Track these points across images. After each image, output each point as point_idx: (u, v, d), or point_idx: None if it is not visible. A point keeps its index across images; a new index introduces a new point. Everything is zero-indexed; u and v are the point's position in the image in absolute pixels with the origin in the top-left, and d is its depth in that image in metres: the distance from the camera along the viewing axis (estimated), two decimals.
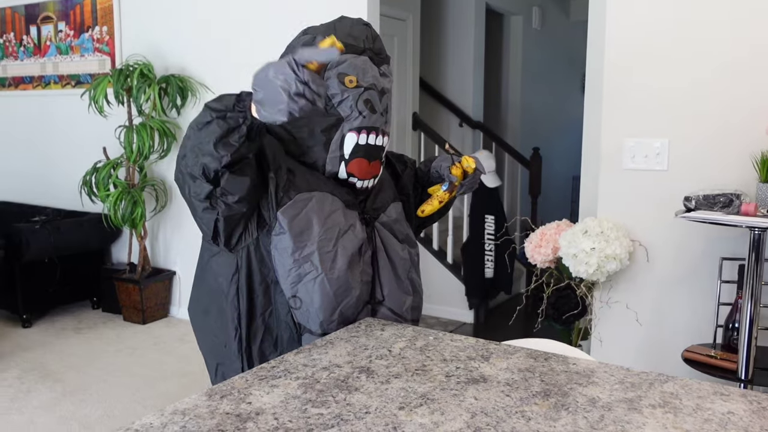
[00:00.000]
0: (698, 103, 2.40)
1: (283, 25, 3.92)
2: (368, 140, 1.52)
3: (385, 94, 1.55)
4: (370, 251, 1.56)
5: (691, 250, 2.47)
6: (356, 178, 1.53)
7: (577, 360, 1.27)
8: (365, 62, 1.50)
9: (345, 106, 1.49)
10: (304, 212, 1.46)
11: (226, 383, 1.15)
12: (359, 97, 1.49)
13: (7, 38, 5.28)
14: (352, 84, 1.48)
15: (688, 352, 2.29)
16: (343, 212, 1.51)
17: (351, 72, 1.48)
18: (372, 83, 1.51)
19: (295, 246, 1.45)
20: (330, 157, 1.51)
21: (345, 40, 1.48)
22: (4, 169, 5.47)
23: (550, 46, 6.61)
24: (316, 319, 1.46)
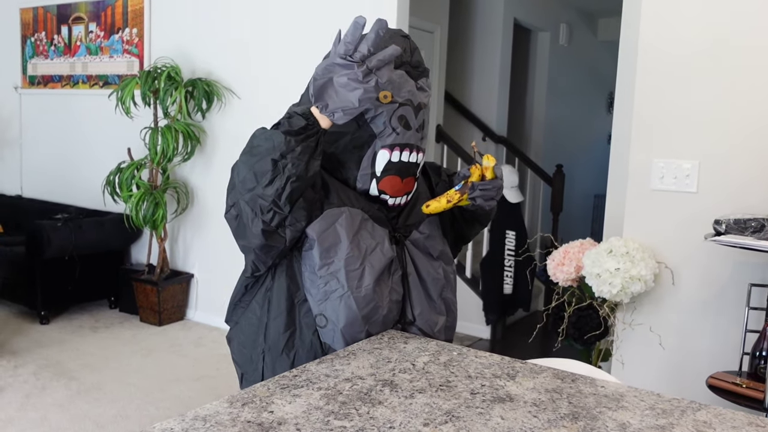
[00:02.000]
0: (731, 125, 2.36)
1: (309, 33, 3.93)
2: (401, 157, 1.46)
3: (422, 110, 1.49)
4: (400, 270, 1.51)
5: (719, 274, 2.42)
6: (388, 196, 1.49)
7: (605, 383, 1.24)
8: (401, 76, 1.44)
9: (378, 122, 1.44)
10: (332, 227, 1.42)
11: (248, 391, 1.13)
12: (393, 114, 1.43)
13: (39, 37, 5.36)
14: (386, 100, 1.40)
15: (713, 379, 2.24)
16: (372, 230, 1.47)
17: (387, 86, 1.39)
18: (408, 99, 1.45)
19: (321, 262, 1.41)
20: (361, 174, 1.47)
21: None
22: (30, 166, 5.53)
23: (577, 63, 6.58)
24: (341, 338, 1.42)
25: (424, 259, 1.57)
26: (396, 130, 1.44)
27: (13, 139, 5.62)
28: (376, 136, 1.45)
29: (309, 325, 1.45)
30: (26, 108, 5.52)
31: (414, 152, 1.48)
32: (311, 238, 1.42)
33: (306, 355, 1.44)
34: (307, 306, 1.45)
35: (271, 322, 1.47)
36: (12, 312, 4.51)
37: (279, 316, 1.46)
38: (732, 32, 2.34)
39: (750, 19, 2.30)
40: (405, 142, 1.46)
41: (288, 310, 1.46)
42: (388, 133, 1.44)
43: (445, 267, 1.61)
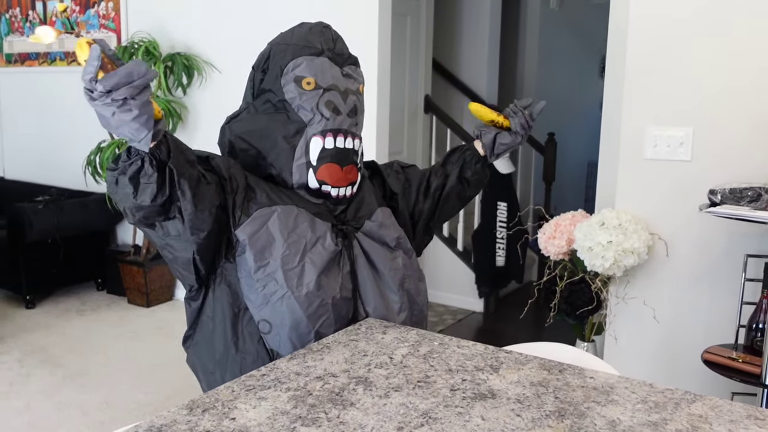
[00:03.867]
0: (726, 90, 2.26)
1: (291, 4, 3.79)
2: (336, 143, 1.43)
3: (350, 95, 1.47)
4: (348, 265, 1.43)
5: (714, 245, 2.34)
6: (329, 186, 1.43)
7: (594, 373, 1.17)
8: (323, 63, 1.45)
9: (306, 110, 1.43)
10: (264, 228, 1.37)
11: (210, 394, 1.05)
12: (319, 99, 1.43)
13: (13, 13, 5.18)
14: (309, 86, 1.42)
15: (708, 354, 2.18)
16: (311, 224, 1.40)
17: (308, 74, 1.42)
18: (332, 83, 1.44)
19: (256, 264, 1.35)
20: (296, 165, 1.43)
21: (300, 45, 1.45)
22: (9, 147, 5.40)
23: (568, 28, 6.42)
24: (288, 342, 1.35)
25: (380, 249, 1.49)
26: (325, 115, 1.43)
27: None
28: (306, 124, 1.43)
29: (252, 333, 1.37)
30: (4, 87, 5.36)
31: (349, 137, 1.45)
32: (242, 241, 1.36)
33: (253, 364, 1.37)
34: (249, 314, 1.38)
35: (216, 336, 1.40)
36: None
37: (222, 329, 1.40)
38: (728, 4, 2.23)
39: None
40: (337, 128, 1.43)
41: (231, 321, 1.39)
42: (318, 120, 1.43)
43: (404, 256, 1.54)
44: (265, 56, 1.51)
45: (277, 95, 1.45)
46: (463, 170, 1.73)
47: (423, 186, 1.71)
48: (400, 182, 1.69)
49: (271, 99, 1.47)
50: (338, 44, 1.50)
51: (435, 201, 1.72)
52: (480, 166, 1.75)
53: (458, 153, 1.76)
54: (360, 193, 1.53)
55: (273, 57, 1.48)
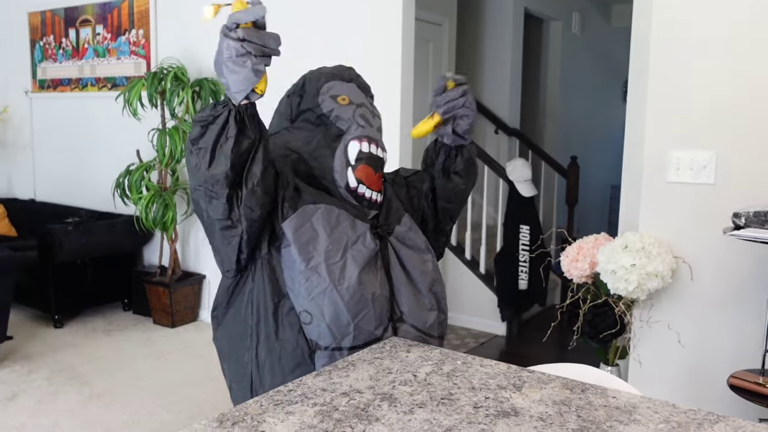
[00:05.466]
0: (749, 113, 2.26)
1: (316, 31, 3.87)
2: (370, 149, 1.55)
3: (376, 117, 1.63)
4: (384, 266, 1.52)
5: (739, 269, 2.33)
6: (365, 186, 1.53)
7: (617, 393, 1.18)
8: (353, 87, 1.63)
9: (343, 120, 1.57)
10: (309, 223, 1.45)
11: (239, 408, 1.08)
12: (354, 112, 1.58)
13: (47, 41, 5.35)
14: (344, 102, 1.58)
15: (734, 378, 2.16)
16: (352, 223, 1.50)
17: (343, 92, 1.59)
18: (362, 102, 1.61)
19: (301, 258, 1.43)
20: (337, 164, 1.53)
21: (332, 73, 1.62)
22: (42, 170, 5.54)
23: (590, 52, 6.46)
24: (328, 333, 1.42)
25: (411, 252, 1.58)
26: (360, 123, 1.57)
27: (26, 144, 5.63)
28: (344, 131, 1.56)
29: (292, 323, 1.44)
30: (37, 112, 5.52)
31: (380, 148, 1.59)
32: (287, 235, 1.44)
33: (293, 353, 1.43)
34: (289, 304, 1.44)
35: (255, 324, 1.47)
36: (26, 316, 4.52)
37: (262, 318, 1.46)
38: (749, 18, 2.24)
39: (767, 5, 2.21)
40: (371, 135, 1.57)
41: (272, 311, 1.45)
42: (355, 127, 1.57)
43: (433, 259, 1.64)
44: (300, 83, 1.66)
45: (315, 112, 1.60)
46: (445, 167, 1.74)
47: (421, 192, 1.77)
48: (403, 192, 1.76)
49: (309, 117, 1.61)
50: (361, 79, 1.68)
51: (433, 204, 1.78)
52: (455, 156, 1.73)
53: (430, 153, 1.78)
54: (386, 200, 1.62)
55: (308, 82, 1.64)
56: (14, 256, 3.73)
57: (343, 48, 3.74)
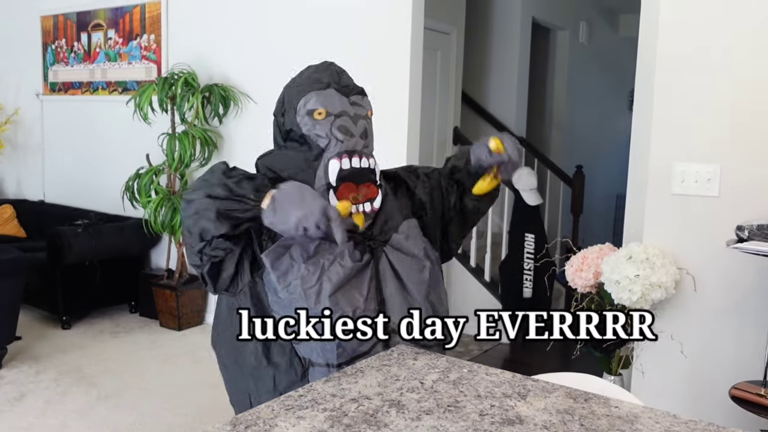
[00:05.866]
0: (754, 127, 2.29)
1: (325, 38, 3.92)
2: (351, 164, 1.55)
3: (360, 120, 1.60)
4: (375, 279, 1.54)
5: (742, 281, 2.35)
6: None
7: (619, 403, 1.20)
8: (330, 94, 1.58)
9: (321, 137, 1.56)
10: (287, 253, 1.49)
11: (252, 412, 1.12)
12: (332, 125, 1.56)
13: (59, 44, 5.41)
14: (321, 116, 1.56)
15: (736, 390, 2.18)
16: (330, 245, 1.50)
17: (318, 106, 1.56)
18: (342, 110, 1.58)
19: (281, 286, 1.47)
20: (317, 187, 1.54)
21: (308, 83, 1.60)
22: (52, 172, 5.60)
23: (597, 61, 6.49)
24: (319, 350, 1.46)
25: (408, 261, 1.58)
26: (338, 138, 1.55)
27: (36, 146, 5.69)
28: (324, 149, 1.55)
29: (283, 345, 1.49)
30: (48, 114, 5.58)
31: (364, 158, 1.57)
32: (267, 265, 1.48)
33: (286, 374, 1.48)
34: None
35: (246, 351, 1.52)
36: (35, 317, 4.56)
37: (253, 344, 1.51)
38: (754, 31, 2.27)
39: None
40: (351, 149, 1.56)
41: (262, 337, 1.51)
42: (333, 144, 1.55)
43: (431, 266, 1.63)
44: (281, 101, 1.66)
45: (297, 131, 1.59)
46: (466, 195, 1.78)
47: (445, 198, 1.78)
48: (427, 190, 1.76)
49: (293, 137, 1.61)
50: (343, 77, 1.64)
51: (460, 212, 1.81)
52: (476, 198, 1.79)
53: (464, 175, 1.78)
54: (384, 207, 1.62)
55: (287, 100, 1.63)
56: (24, 257, 3.78)
57: (352, 56, 3.77)
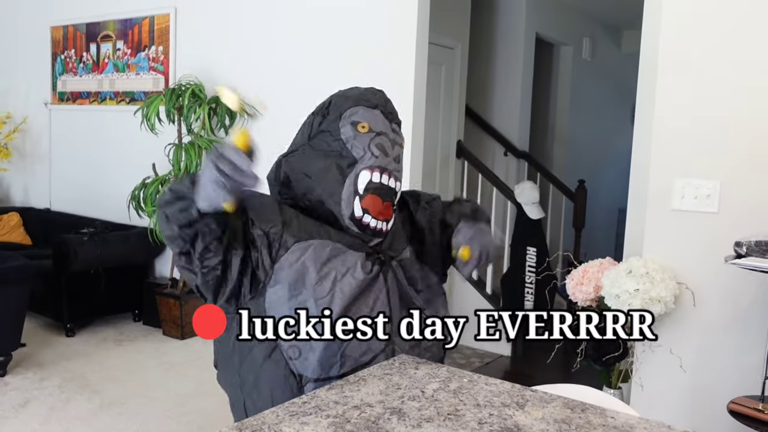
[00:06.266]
0: (753, 144, 2.33)
1: (331, 52, 3.97)
2: (381, 179, 1.58)
3: (396, 146, 1.65)
4: (384, 291, 1.56)
5: (741, 296, 2.38)
6: (370, 216, 1.56)
7: (615, 413, 1.23)
8: (377, 114, 1.63)
9: (358, 148, 1.59)
10: (300, 261, 1.50)
11: (257, 417, 1.15)
12: (371, 141, 1.60)
13: (68, 54, 5.49)
14: (364, 129, 1.60)
15: (734, 404, 2.20)
16: (343, 257, 1.53)
17: (364, 120, 1.61)
18: (383, 131, 1.62)
19: (290, 294, 1.48)
20: (346, 193, 1.57)
21: (359, 98, 1.64)
22: (58, 180, 5.65)
23: (600, 77, 6.54)
24: (317, 365, 1.46)
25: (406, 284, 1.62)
26: (374, 153, 1.59)
27: (43, 154, 5.75)
28: (358, 160, 1.59)
29: (277, 361, 1.49)
30: (56, 123, 5.65)
31: (392, 178, 1.61)
32: (277, 274, 1.49)
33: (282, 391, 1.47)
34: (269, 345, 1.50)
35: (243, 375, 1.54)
36: (39, 324, 4.60)
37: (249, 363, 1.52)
38: (755, 51, 2.31)
39: None
40: (384, 166, 1.59)
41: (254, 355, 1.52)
42: (369, 157, 1.59)
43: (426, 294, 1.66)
44: (326, 104, 1.69)
45: (334, 136, 1.62)
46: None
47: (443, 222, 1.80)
48: (427, 217, 1.79)
49: (326, 139, 1.63)
50: (389, 105, 1.70)
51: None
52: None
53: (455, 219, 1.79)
54: (393, 227, 1.65)
55: (334, 104, 1.67)
56: (30, 265, 3.81)
57: (358, 70, 3.83)
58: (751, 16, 2.31)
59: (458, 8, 4.94)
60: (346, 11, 3.91)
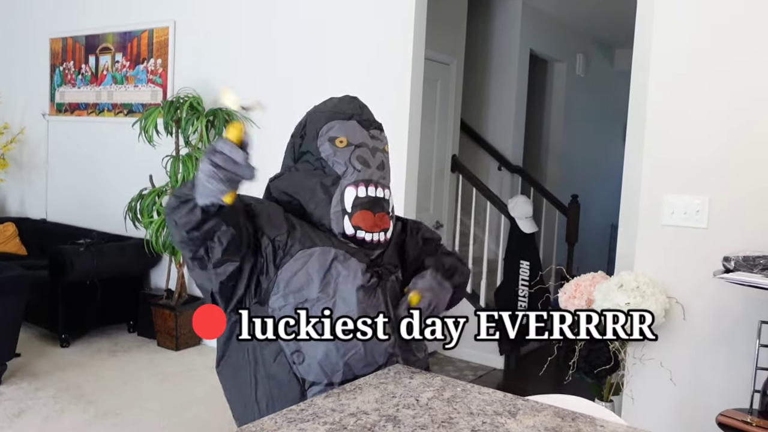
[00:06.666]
0: (741, 162, 2.38)
1: (329, 67, 4.02)
2: (368, 192, 1.60)
3: (378, 152, 1.66)
4: (383, 303, 1.58)
5: (730, 311, 2.42)
6: (364, 231, 1.58)
7: (605, 422, 1.27)
8: (353, 125, 1.65)
9: (339, 165, 1.61)
10: (304, 269, 1.52)
11: (256, 424, 1.18)
12: (351, 154, 1.61)
13: (67, 66, 5.53)
14: (342, 144, 1.62)
15: (722, 417, 2.24)
16: (345, 264, 1.55)
17: (340, 134, 1.62)
18: (362, 141, 1.64)
19: (293, 302, 1.51)
20: (333, 212, 1.59)
21: (333, 112, 1.66)
22: (55, 191, 5.67)
23: (593, 93, 6.62)
24: (320, 370, 1.49)
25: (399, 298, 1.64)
26: (356, 167, 1.61)
27: (40, 164, 5.78)
28: (341, 176, 1.60)
29: (282, 364, 1.52)
30: (53, 134, 5.67)
31: (380, 188, 1.63)
32: (280, 281, 1.51)
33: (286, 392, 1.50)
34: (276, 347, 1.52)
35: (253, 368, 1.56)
36: (34, 334, 4.60)
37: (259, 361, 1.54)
38: (743, 71, 2.37)
39: (762, 57, 2.34)
40: (368, 178, 1.61)
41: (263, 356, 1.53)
42: (351, 172, 1.60)
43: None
44: (302, 124, 1.72)
45: (315, 155, 1.64)
46: None
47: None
48: (416, 251, 1.80)
49: (309, 159, 1.65)
50: (365, 112, 1.71)
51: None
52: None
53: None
54: (392, 240, 1.67)
55: (309, 123, 1.69)
56: (27, 275, 3.83)
57: (355, 84, 3.87)
58: (740, 36, 2.38)
59: (454, 24, 5.01)
60: (344, 26, 3.97)
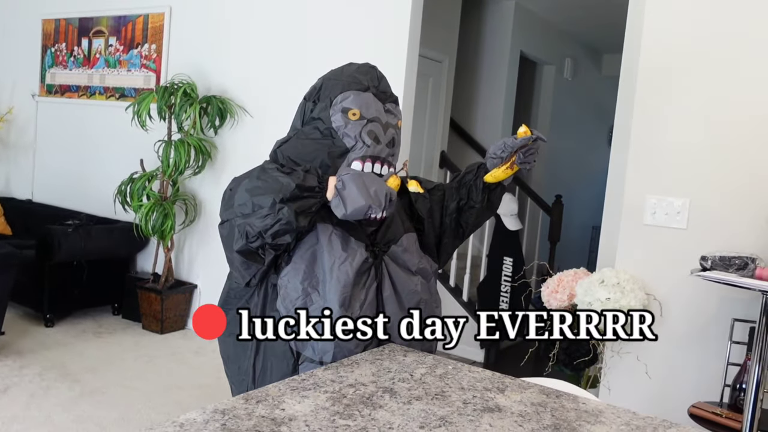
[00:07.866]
0: (721, 165, 2.48)
1: (324, 55, 4.08)
2: (374, 169, 1.60)
3: (390, 128, 1.65)
4: (375, 283, 1.61)
5: (705, 308, 2.53)
6: None
7: (586, 400, 1.35)
8: (368, 98, 1.63)
9: (349, 137, 1.60)
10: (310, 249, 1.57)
11: (261, 390, 1.24)
12: (362, 129, 1.60)
13: (59, 48, 5.52)
14: (355, 117, 1.60)
15: (694, 408, 2.35)
16: (343, 243, 1.57)
17: (354, 106, 1.60)
18: (375, 116, 1.62)
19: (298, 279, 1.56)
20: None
21: (349, 81, 1.63)
22: (42, 172, 5.67)
23: (580, 96, 6.74)
24: (315, 345, 1.54)
25: (402, 273, 1.65)
26: (366, 142, 1.60)
27: (28, 145, 5.76)
28: (349, 149, 1.60)
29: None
30: (42, 115, 5.67)
31: (386, 165, 1.63)
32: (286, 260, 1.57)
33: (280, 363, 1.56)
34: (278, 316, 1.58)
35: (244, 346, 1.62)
36: (18, 314, 4.61)
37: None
38: (725, 84, 2.47)
39: (745, 64, 2.44)
40: (376, 155, 1.61)
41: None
42: (360, 146, 1.60)
43: (422, 281, 1.69)
44: (316, 88, 1.69)
45: (325, 123, 1.63)
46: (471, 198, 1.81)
47: (444, 208, 1.82)
48: (426, 207, 1.80)
49: (318, 126, 1.64)
50: (382, 83, 1.70)
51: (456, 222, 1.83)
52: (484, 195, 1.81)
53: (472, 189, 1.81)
54: (389, 217, 1.68)
55: (324, 89, 1.67)
56: (15, 253, 3.85)
57: None
58: (725, 45, 2.48)
59: (448, 23, 5.10)
60: (341, 19, 4.03)
